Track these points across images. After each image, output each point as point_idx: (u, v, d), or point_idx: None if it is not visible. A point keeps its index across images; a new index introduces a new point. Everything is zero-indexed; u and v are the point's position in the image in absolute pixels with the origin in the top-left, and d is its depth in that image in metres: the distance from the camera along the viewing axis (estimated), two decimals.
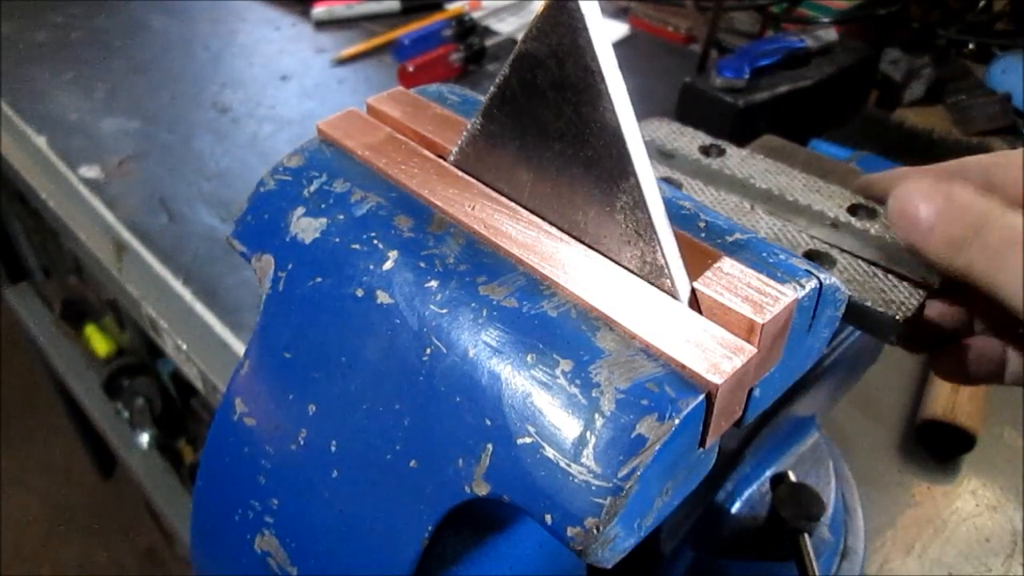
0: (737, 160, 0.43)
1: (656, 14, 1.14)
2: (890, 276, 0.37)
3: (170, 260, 0.74)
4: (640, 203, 0.26)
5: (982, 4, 1.08)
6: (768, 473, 0.55)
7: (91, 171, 0.85)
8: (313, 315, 0.30)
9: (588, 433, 0.23)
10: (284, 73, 1.02)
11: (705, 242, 0.28)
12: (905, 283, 0.36)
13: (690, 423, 0.24)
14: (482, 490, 0.25)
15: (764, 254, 0.28)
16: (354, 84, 1.00)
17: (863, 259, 0.38)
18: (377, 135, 0.33)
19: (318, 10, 1.13)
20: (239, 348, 0.66)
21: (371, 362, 0.28)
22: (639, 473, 0.23)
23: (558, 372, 0.24)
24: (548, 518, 0.24)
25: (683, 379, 0.24)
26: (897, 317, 0.35)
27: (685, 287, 0.26)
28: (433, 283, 0.27)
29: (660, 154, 0.44)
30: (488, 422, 0.25)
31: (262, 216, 0.33)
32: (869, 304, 0.35)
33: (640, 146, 0.26)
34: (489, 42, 1.04)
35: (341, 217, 0.30)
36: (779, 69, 0.84)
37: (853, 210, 0.40)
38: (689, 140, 0.45)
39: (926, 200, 0.32)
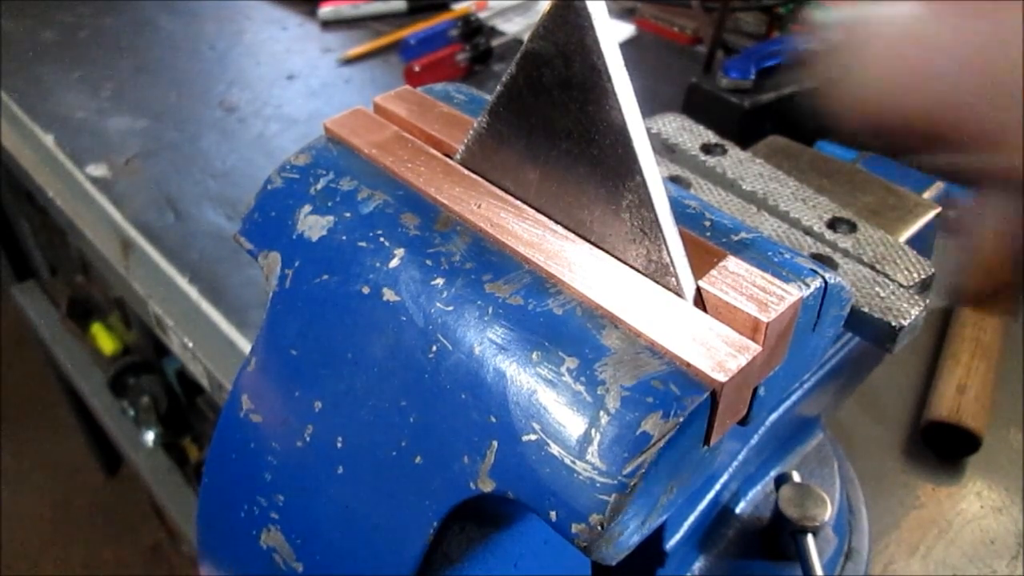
0: (734, 161, 0.43)
1: (662, 15, 1.14)
2: (889, 283, 0.37)
3: (176, 258, 0.74)
4: (645, 202, 0.26)
5: None
6: (773, 473, 0.55)
7: (98, 169, 0.85)
8: (319, 312, 0.30)
9: (593, 430, 0.23)
10: (291, 72, 1.03)
11: (711, 241, 0.29)
12: (903, 290, 0.36)
13: (695, 421, 0.24)
14: (487, 487, 0.25)
15: (769, 253, 0.28)
16: (360, 84, 1.01)
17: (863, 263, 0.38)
18: (384, 133, 0.33)
19: (324, 10, 1.13)
20: (245, 346, 0.66)
21: (377, 359, 0.28)
22: (644, 470, 0.23)
23: (563, 370, 0.24)
24: (553, 515, 0.24)
25: (688, 377, 0.24)
26: (894, 324, 0.35)
27: (690, 285, 0.26)
28: (439, 281, 0.28)
29: (663, 147, 0.44)
30: (493, 419, 0.25)
31: (269, 214, 0.33)
32: (867, 310, 0.36)
33: (646, 145, 0.26)
34: (495, 42, 1.04)
35: (348, 215, 0.31)
36: (785, 70, 0.84)
37: (833, 224, 0.40)
38: (695, 137, 0.45)
39: None
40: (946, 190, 0.50)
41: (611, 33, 0.25)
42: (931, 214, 0.45)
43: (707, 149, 0.44)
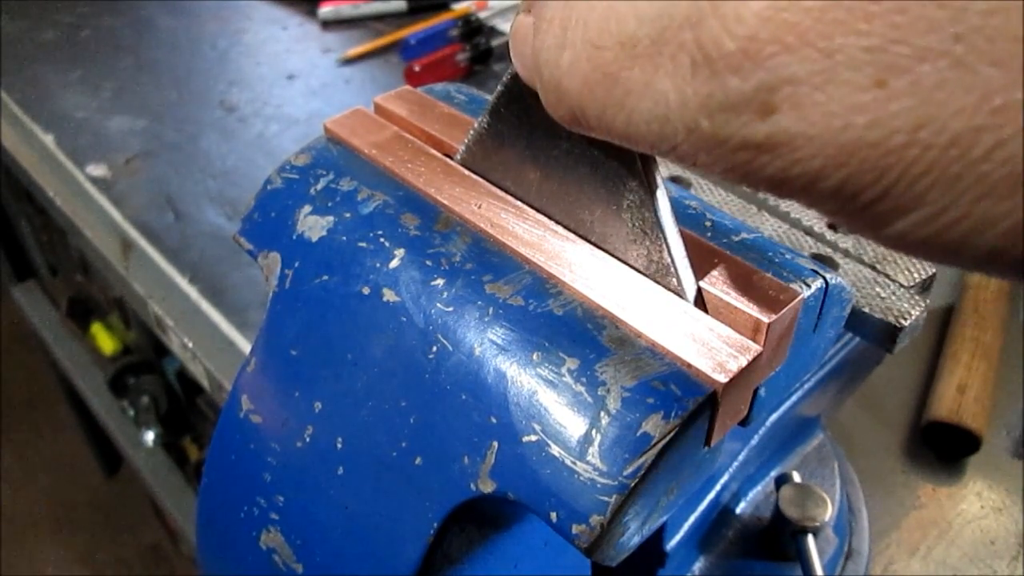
0: None
1: None
2: (890, 283, 0.37)
3: (176, 258, 0.74)
4: (646, 202, 0.26)
5: None
6: (773, 474, 0.55)
7: (98, 169, 0.85)
8: (319, 313, 0.30)
9: (594, 431, 0.23)
10: (291, 72, 1.03)
11: (711, 241, 0.28)
12: (903, 290, 0.36)
13: (695, 422, 0.24)
14: (487, 488, 0.25)
15: (770, 254, 0.28)
16: (360, 84, 1.01)
17: (864, 263, 0.38)
18: (384, 134, 0.33)
19: (325, 10, 1.13)
20: (245, 346, 0.66)
21: (377, 360, 0.28)
22: (644, 471, 0.23)
23: (564, 370, 0.24)
24: (553, 516, 0.24)
25: (689, 378, 0.24)
26: (895, 324, 0.35)
27: (691, 286, 0.26)
28: (439, 281, 0.27)
29: None
30: (494, 420, 0.25)
31: (269, 214, 0.33)
32: (867, 310, 0.35)
33: None
34: (495, 42, 1.04)
35: (348, 215, 0.31)
36: None
37: (833, 224, 0.40)
38: None
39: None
40: None
41: None
42: None
43: None
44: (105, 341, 1.23)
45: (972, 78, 0.14)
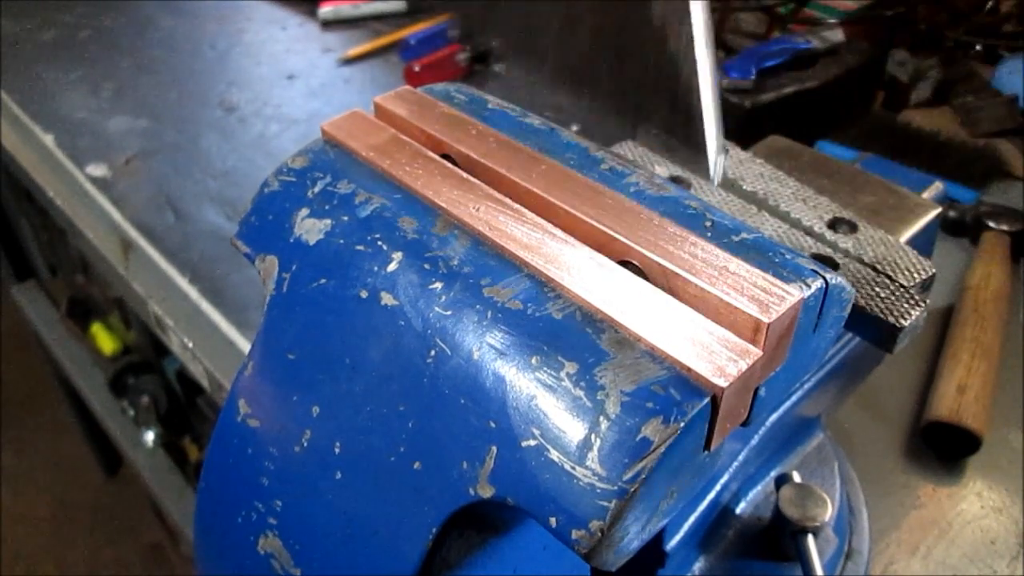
0: (735, 161, 0.43)
1: None
2: (890, 283, 0.37)
3: (176, 258, 0.74)
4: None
5: (989, 5, 1.07)
6: (773, 474, 0.55)
7: (98, 169, 0.85)
8: (317, 316, 0.30)
9: (593, 436, 0.23)
10: (291, 72, 1.03)
11: (711, 241, 0.28)
12: (903, 290, 0.36)
13: (695, 426, 0.24)
14: (486, 492, 0.25)
15: (770, 254, 0.28)
16: (360, 84, 1.00)
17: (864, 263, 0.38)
18: (381, 136, 0.33)
19: (325, 10, 1.13)
20: (245, 346, 0.66)
21: (375, 364, 0.28)
22: (644, 476, 0.22)
23: (563, 375, 0.24)
24: (553, 521, 0.24)
25: (688, 382, 0.24)
26: (895, 324, 0.35)
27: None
28: (437, 285, 0.27)
29: (664, 147, 0.44)
30: (492, 424, 0.25)
31: (266, 217, 0.33)
32: (867, 310, 0.35)
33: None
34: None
35: (345, 218, 0.30)
36: (785, 70, 0.84)
37: (833, 224, 0.40)
38: None
39: None
40: (946, 190, 0.50)
41: None
42: (931, 214, 0.45)
43: None
44: (105, 341, 1.23)
45: None
